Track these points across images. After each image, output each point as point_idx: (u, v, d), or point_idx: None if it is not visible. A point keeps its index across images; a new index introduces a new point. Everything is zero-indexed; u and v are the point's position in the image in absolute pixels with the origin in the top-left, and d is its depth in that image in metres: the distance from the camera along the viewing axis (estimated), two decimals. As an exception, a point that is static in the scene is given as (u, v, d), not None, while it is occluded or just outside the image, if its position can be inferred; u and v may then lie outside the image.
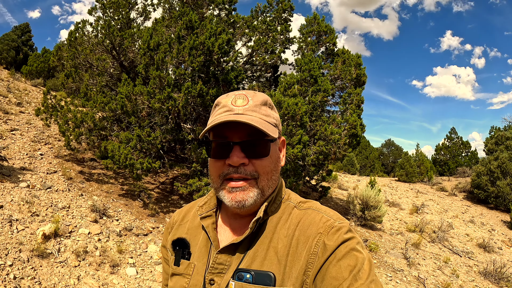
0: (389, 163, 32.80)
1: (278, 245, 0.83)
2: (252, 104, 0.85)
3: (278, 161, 0.89)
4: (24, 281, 3.53)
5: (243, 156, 0.81)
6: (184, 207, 1.07)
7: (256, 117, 0.83)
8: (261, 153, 0.83)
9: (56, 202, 5.21)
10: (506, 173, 13.55)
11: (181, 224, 1.01)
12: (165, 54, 6.03)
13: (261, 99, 0.88)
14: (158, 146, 6.18)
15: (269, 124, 0.85)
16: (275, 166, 0.87)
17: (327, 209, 0.87)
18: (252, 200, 0.82)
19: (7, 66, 17.55)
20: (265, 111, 0.87)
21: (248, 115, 0.82)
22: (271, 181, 0.86)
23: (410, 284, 6.02)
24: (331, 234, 0.78)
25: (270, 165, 0.85)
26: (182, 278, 0.91)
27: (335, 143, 7.15)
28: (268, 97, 0.91)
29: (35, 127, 7.78)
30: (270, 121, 0.87)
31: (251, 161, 0.82)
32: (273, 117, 0.89)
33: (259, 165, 0.83)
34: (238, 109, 0.84)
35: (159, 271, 4.52)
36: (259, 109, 0.86)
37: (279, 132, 0.91)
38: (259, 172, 0.83)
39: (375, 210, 8.51)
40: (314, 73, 6.77)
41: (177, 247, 0.95)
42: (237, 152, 0.81)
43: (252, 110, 0.84)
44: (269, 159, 0.85)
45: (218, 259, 0.85)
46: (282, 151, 0.94)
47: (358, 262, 0.74)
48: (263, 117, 0.85)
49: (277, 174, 0.88)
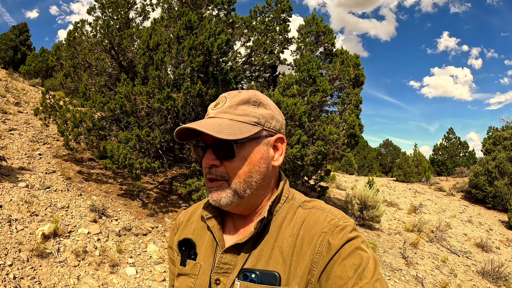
0: (387, 163, 32.81)
1: (283, 244, 0.83)
2: (227, 105, 0.86)
3: (261, 161, 0.86)
4: (24, 281, 3.53)
5: (214, 158, 0.83)
6: (190, 208, 1.08)
7: (224, 118, 0.84)
8: (226, 155, 0.83)
9: (55, 202, 5.21)
10: (504, 173, 13.60)
11: (187, 225, 1.02)
12: (164, 54, 6.03)
13: (242, 98, 0.86)
14: (157, 146, 6.18)
15: (240, 124, 0.83)
16: (253, 167, 0.84)
17: (332, 208, 0.86)
18: (226, 200, 0.84)
19: (5, 66, 17.48)
20: (243, 110, 0.85)
21: (216, 118, 0.85)
22: (245, 183, 0.84)
23: (409, 283, 6.05)
24: (336, 233, 0.78)
25: (243, 166, 0.83)
26: (188, 278, 0.91)
27: (334, 143, 7.17)
28: (256, 94, 0.88)
29: (33, 127, 7.76)
30: (246, 120, 0.85)
31: (223, 162, 0.84)
32: (253, 116, 0.85)
33: (229, 167, 0.83)
34: (212, 112, 0.87)
35: (158, 271, 4.53)
36: (234, 109, 0.85)
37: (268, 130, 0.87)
38: (229, 174, 0.84)
39: (373, 210, 8.53)
40: (312, 73, 6.78)
41: (183, 248, 0.96)
42: (207, 154, 0.84)
43: (224, 112, 0.85)
44: (241, 160, 0.83)
45: (223, 259, 0.86)
46: (280, 149, 0.90)
47: (363, 261, 0.74)
48: (236, 117, 0.84)
49: (258, 175, 0.85)
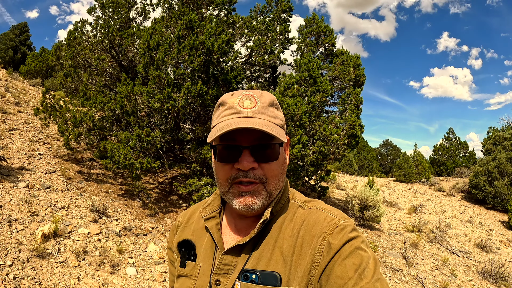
0: (387, 163, 32.82)
1: (284, 245, 0.83)
2: (260, 106, 0.84)
3: (284, 162, 0.89)
4: (24, 281, 3.53)
5: (253, 160, 0.81)
6: (189, 209, 1.07)
7: (265, 120, 0.82)
8: (270, 157, 0.82)
9: (55, 202, 5.21)
10: (504, 173, 13.59)
11: (187, 226, 1.01)
12: (165, 54, 6.03)
13: (268, 100, 0.86)
14: (158, 146, 6.18)
15: (276, 127, 0.84)
16: (282, 168, 0.87)
17: (332, 208, 0.87)
18: (261, 203, 0.83)
19: (5, 66, 17.47)
20: (273, 112, 0.86)
21: (257, 118, 0.81)
22: (278, 183, 0.86)
23: (409, 283, 6.04)
24: (336, 233, 0.78)
25: (278, 168, 0.85)
26: (188, 279, 0.91)
27: (334, 143, 7.16)
28: (274, 97, 0.89)
29: (33, 126, 7.76)
30: (278, 122, 0.86)
31: (260, 165, 0.82)
32: (280, 118, 0.87)
33: (268, 169, 0.83)
34: (247, 111, 0.82)
35: (159, 271, 4.53)
36: (267, 111, 0.84)
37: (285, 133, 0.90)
38: (267, 176, 0.83)
39: (373, 210, 8.52)
40: (313, 73, 6.78)
41: (183, 249, 0.96)
42: (247, 157, 0.81)
43: (260, 112, 0.83)
44: (277, 162, 0.85)
45: (224, 260, 0.86)
46: (287, 151, 0.93)
47: (363, 261, 0.73)
48: (271, 119, 0.84)
49: (283, 175, 0.88)
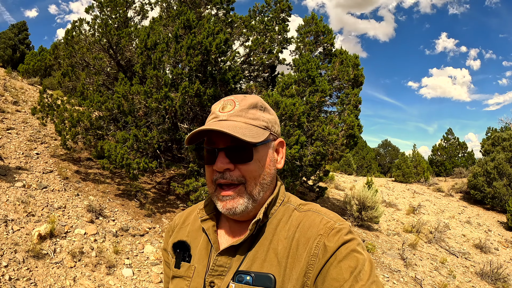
0: (386, 163, 32.87)
1: (278, 246, 0.82)
2: (238, 108, 0.86)
3: (270, 164, 0.88)
4: (20, 282, 3.50)
5: (228, 161, 0.82)
6: (186, 210, 1.08)
7: (240, 121, 0.84)
8: (244, 158, 0.82)
9: (52, 202, 5.18)
10: (503, 174, 13.60)
11: (182, 227, 1.01)
12: (163, 53, 6.00)
13: (250, 102, 0.87)
14: (155, 146, 6.15)
15: (254, 128, 0.84)
16: (265, 170, 0.86)
17: (327, 211, 0.87)
18: (243, 207, 0.83)
19: (4, 65, 17.44)
20: (253, 114, 0.86)
21: (230, 121, 0.83)
22: (260, 185, 0.85)
23: (407, 284, 6.03)
24: (332, 236, 0.78)
25: (258, 169, 0.84)
26: (182, 280, 0.91)
27: (333, 143, 7.14)
28: (261, 99, 0.90)
29: (31, 126, 7.72)
30: (258, 124, 0.86)
31: (237, 166, 0.83)
32: (263, 120, 0.87)
33: (245, 170, 0.83)
34: (223, 115, 0.85)
35: (155, 272, 4.50)
36: (245, 113, 0.86)
37: (273, 134, 0.90)
38: (245, 177, 0.83)
39: (372, 210, 8.52)
40: (311, 73, 6.76)
41: (178, 250, 0.96)
42: (221, 158, 0.82)
43: (236, 115, 0.85)
44: (256, 163, 0.84)
45: (218, 261, 0.85)
46: (281, 153, 0.92)
47: (358, 263, 0.74)
48: (249, 120, 0.85)
49: (269, 177, 0.87)
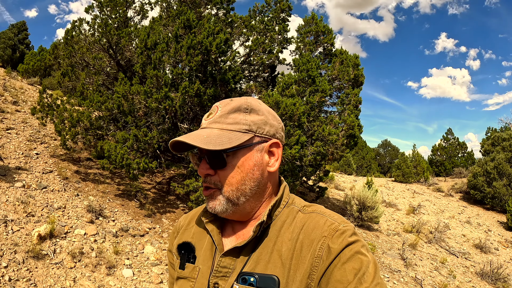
0: (386, 163, 32.87)
1: (282, 248, 0.82)
2: (218, 115, 0.87)
3: (254, 168, 0.86)
4: (20, 283, 3.49)
5: (208, 167, 0.86)
6: (191, 212, 1.08)
7: (215, 128, 0.85)
8: (218, 165, 0.85)
9: (51, 202, 5.17)
10: (503, 174, 13.60)
11: (187, 229, 1.02)
12: (163, 53, 5.99)
13: (233, 106, 0.87)
14: (155, 146, 6.14)
15: (230, 133, 0.84)
16: (246, 175, 0.85)
17: (332, 213, 0.86)
18: (221, 207, 0.86)
19: (3, 65, 17.43)
20: (234, 118, 0.85)
21: (207, 129, 0.86)
22: (239, 191, 0.85)
23: (408, 285, 6.02)
24: (336, 237, 0.78)
25: (235, 175, 0.84)
26: (187, 281, 0.91)
27: (333, 143, 7.14)
28: (248, 100, 0.88)
29: (31, 126, 7.71)
30: (236, 128, 0.85)
31: (217, 171, 0.86)
32: (245, 123, 0.85)
33: (222, 176, 0.85)
34: (205, 123, 0.88)
35: (156, 273, 4.49)
36: (224, 118, 0.86)
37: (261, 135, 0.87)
38: (222, 182, 0.85)
39: (372, 210, 8.51)
40: (312, 73, 6.75)
41: (183, 251, 0.96)
42: (202, 164, 0.87)
43: (215, 121, 0.87)
44: (232, 169, 0.84)
45: (222, 262, 0.86)
46: (276, 154, 0.89)
47: (363, 265, 0.74)
48: (226, 126, 0.85)
49: (252, 182, 0.86)
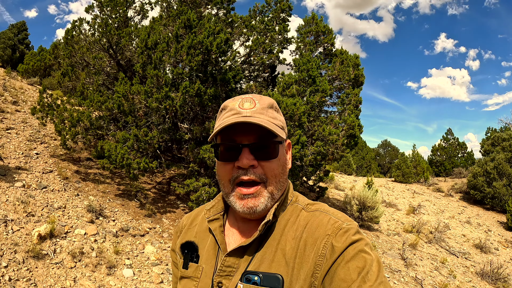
0: (386, 163, 32.86)
1: (286, 247, 0.82)
2: (259, 106, 0.86)
3: (285, 163, 0.90)
4: (20, 282, 3.48)
5: (253, 158, 0.82)
6: (193, 212, 1.08)
7: (264, 119, 0.84)
8: (270, 155, 0.83)
9: (51, 202, 5.16)
10: (502, 174, 13.61)
11: (190, 228, 1.02)
12: (163, 53, 5.99)
13: (268, 102, 0.89)
14: (155, 145, 6.13)
15: (276, 126, 0.85)
16: (283, 168, 0.87)
17: (335, 211, 0.87)
18: (263, 205, 0.84)
19: (3, 65, 17.42)
20: (272, 113, 0.88)
21: (256, 117, 0.83)
22: (279, 183, 0.86)
23: (408, 284, 6.02)
24: (339, 236, 0.78)
25: (278, 167, 0.86)
26: (190, 281, 0.91)
27: (333, 143, 7.14)
28: (274, 100, 0.92)
29: (31, 126, 7.71)
30: (277, 123, 0.87)
31: (260, 163, 0.83)
32: (280, 120, 0.89)
33: (268, 168, 0.84)
34: (246, 111, 0.84)
35: (156, 272, 4.49)
36: (266, 111, 0.86)
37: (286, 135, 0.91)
38: (267, 174, 0.84)
39: (372, 210, 8.51)
40: (312, 73, 6.75)
41: (186, 251, 0.96)
42: (246, 154, 0.82)
43: (260, 112, 0.85)
44: (278, 161, 0.85)
45: (226, 261, 0.86)
46: (289, 154, 0.94)
47: (366, 263, 0.74)
48: (271, 119, 0.86)
49: (285, 176, 0.89)
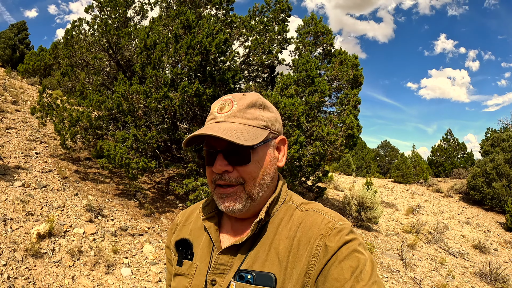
0: (385, 164, 32.88)
1: (280, 246, 0.82)
2: (236, 109, 0.84)
3: (270, 164, 0.87)
4: (18, 281, 3.49)
5: (226, 163, 0.82)
6: (188, 209, 1.08)
7: (237, 123, 0.83)
8: (242, 161, 0.82)
9: (51, 201, 5.17)
10: (502, 174, 13.62)
11: (185, 225, 1.02)
12: (162, 53, 6.00)
13: (249, 101, 0.86)
14: (154, 145, 6.15)
15: (252, 128, 0.83)
16: (264, 170, 0.85)
17: (329, 211, 0.86)
18: (240, 205, 0.83)
19: (3, 64, 17.43)
20: (252, 114, 0.85)
21: (228, 123, 0.83)
22: (259, 186, 0.85)
23: (406, 285, 6.03)
24: (333, 236, 0.78)
25: (257, 170, 0.84)
26: (184, 278, 0.91)
27: (332, 143, 7.15)
28: (260, 97, 0.89)
29: (30, 125, 7.72)
30: (256, 124, 0.85)
31: (235, 167, 0.82)
32: (262, 119, 0.86)
33: (244, 171, 0.83)
34: (221, 116, 0.84)
35: (154, 272, 4.50)
36: (243, 113, 0.84)
37: (274, 132, 0.89)
38: (244, 178, 0.83)
39: (371, 211, 8.52)
40: (311, 73, 6.76)
41: (180, 248, 0.96)
42: (219, 160, 0.82)
43: (234, 116, 0.84)
44: (255, 164, 0.83)
45: (220, 259, 0.86)
46: (282, 151, 0.92)
47: (360, 263, 0.73)
48: (247, 121, 0.84)
49: (268, 177, 0.86)
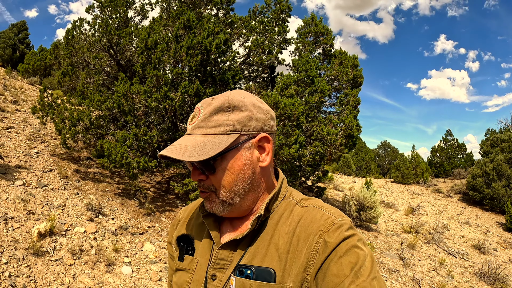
0: (385, 164, 32.88)
1: (279, 241, 0.83)
2: (201, 118, 0.84)
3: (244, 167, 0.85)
4: (19, 279, 3.51)
5: (199, 173, 0.85)
6: (190, 205, 1.09)
7: (198, 134, 0.83)
8: (208, 170, 0.84)
9: (51, 200, 5.19)
10: (502, 175, 13.63)
11: (186, 221, 1.03)
12: (163, 53, 6.03)
13: (214, 107, 0.83)
14: (155, 145, 6.17)
15: (215, 137, 0.82)
16: (236, 176, 0.84)
17: (329, 207, 0.86)
18: (218, 209, 0.87)
19: (4, 64, 17.45)
20: (216, 120, 0.83)
21: (192, 135, 0.84)
22: (232, 192, 0.85)
23: (406, 284, 6.05)
24: (332, 231, 0.78)
25: (226, 177, 0.84)
26: (185, 273, 0.92)
27: (331, 143, 7.17)
28: (228, 98, 0.85)
29: (31, 125, 7.74)
30: (220, 131, 0.82)
31: (209, 176, 0.85)
32: (228, 124, 0.83)
33: (214, 179, 0.85)
34: (189, 128, 0.86)
35: (154, 270, 4.52)
36: (207, 122, 0.83)
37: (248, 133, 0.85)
38: (215, 185, 0.85)
39: (370, 211, 8.54)
40: (311, 73, 6.78)
41: (182, 243, 0.97)
42: (193, 171, 0.86)
43: (198, 126, 0.84)
44: (223, 172, 0.83)
45: (219, 254, 0.87)
46: (266, 148, 0.87)
47: (359, 259, 0.73)
48: (209, 130, 0.83)
49: (244, 181, 0.85)
